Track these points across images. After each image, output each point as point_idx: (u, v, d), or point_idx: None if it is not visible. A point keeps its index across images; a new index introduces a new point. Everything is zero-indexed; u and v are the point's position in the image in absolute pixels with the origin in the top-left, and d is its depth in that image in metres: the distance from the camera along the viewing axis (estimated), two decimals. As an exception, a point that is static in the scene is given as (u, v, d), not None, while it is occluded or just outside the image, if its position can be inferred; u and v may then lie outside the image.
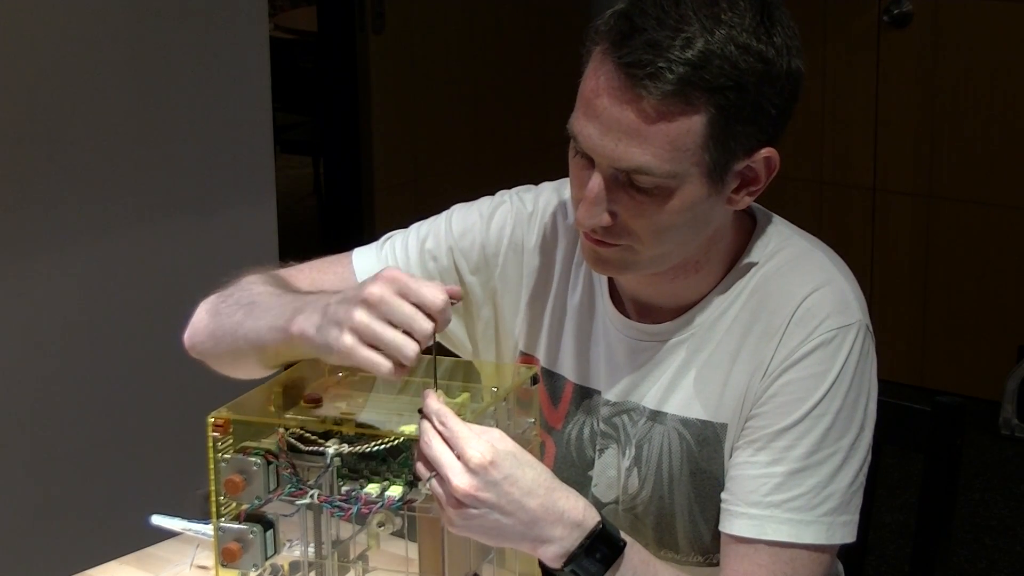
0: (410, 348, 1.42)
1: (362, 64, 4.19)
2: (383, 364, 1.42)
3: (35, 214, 2.84)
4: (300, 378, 1.61)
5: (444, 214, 1.77)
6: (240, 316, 1.63)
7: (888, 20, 4.33)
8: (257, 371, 1.67)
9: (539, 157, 4.50)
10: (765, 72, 1.47)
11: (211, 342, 1.69)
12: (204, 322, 1.71)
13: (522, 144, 4.57)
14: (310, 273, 1.74)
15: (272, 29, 4.33)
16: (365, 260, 1.76)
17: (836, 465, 1.55)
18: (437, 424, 1.44)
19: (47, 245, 2.87)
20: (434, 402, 1.45)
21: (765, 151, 1.53)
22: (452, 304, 1.45)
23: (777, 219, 1.66)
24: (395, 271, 1.45)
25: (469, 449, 1.42)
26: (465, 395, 1.55)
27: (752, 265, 1.62)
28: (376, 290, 1.43)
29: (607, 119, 1.48)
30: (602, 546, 1.47)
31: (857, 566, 1.85)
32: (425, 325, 1.42)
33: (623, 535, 1.50)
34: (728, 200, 1.55)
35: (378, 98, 4.22)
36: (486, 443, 1.43)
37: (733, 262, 1.62)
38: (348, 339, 1.43)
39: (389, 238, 1.78)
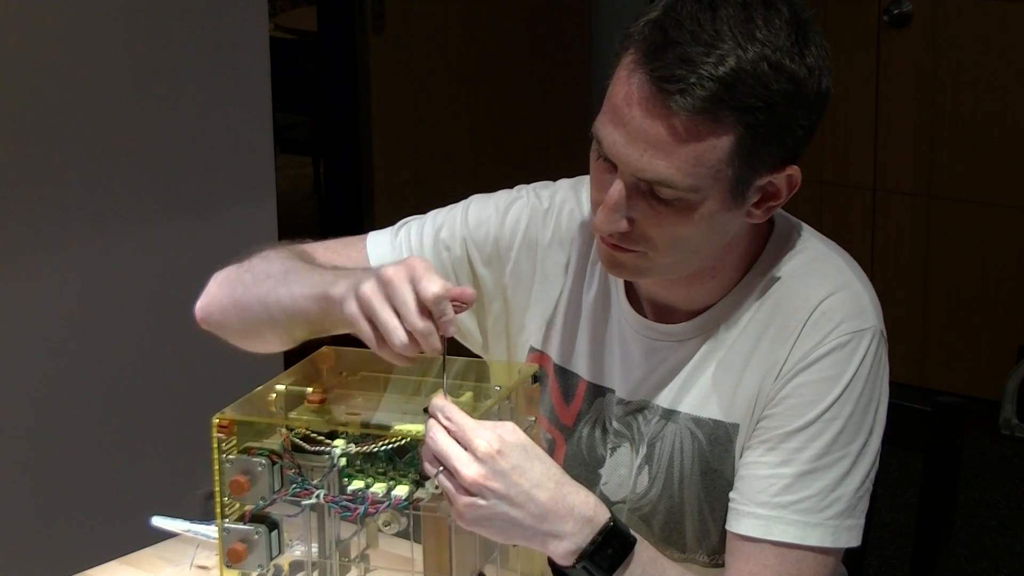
0: (397, 335, 1.43)
1: (362, 64, 4.19)
2: (374, 341, 1.45)
3: (35, 214, 2.84)
4: (303, 378, 1.62)
5: (462, 204, 1.77)
6: (271, 283, 1.63)
7: (888, 20, 4.33)
8: (275, 343, 1.67)
9: (539, 157, 4.50)
10: (796, 93, 1.47)
11: (235, 311, 1.69)
12: (224, 291, 1.71)
13: (522, 144, 4.57)
14: (324, 253, 1.74)
15: (272, 29, 4.32)
16: (379, 245, 1.76)
17: (845, 469, 1.55)
18: (443, 419, 1.44)
19: (47, 245, 2.86)
20: (439, 399, 1.45)
21: (788, 169, 1.53)
22: (461, 308, 1.45)
23: (796, 222, 1.66)
24: (420, 261, 1.46)
25: (476, 439, 1.43)
26: (468, 394, 1.55)
27: (769, 268, 1.62)
28: (391, 272, 1.44)
29: (634, 129, 1.47)
30: (613, 542, 1.47)
31: (857, 566, 1.85)
32: (414, 318, 1.42)
33: (632, 532, 1.50)
34: (747, 214, 1.55)
35: (378, 98, 4.22)
36: (493, 434, 1.43)
37: (750, 265, 1.63)
38: (353, 307, 1.46)
39: (405, 224, 1.78)
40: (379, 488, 1.52)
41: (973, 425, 4.02)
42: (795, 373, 1.57)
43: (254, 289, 1.65)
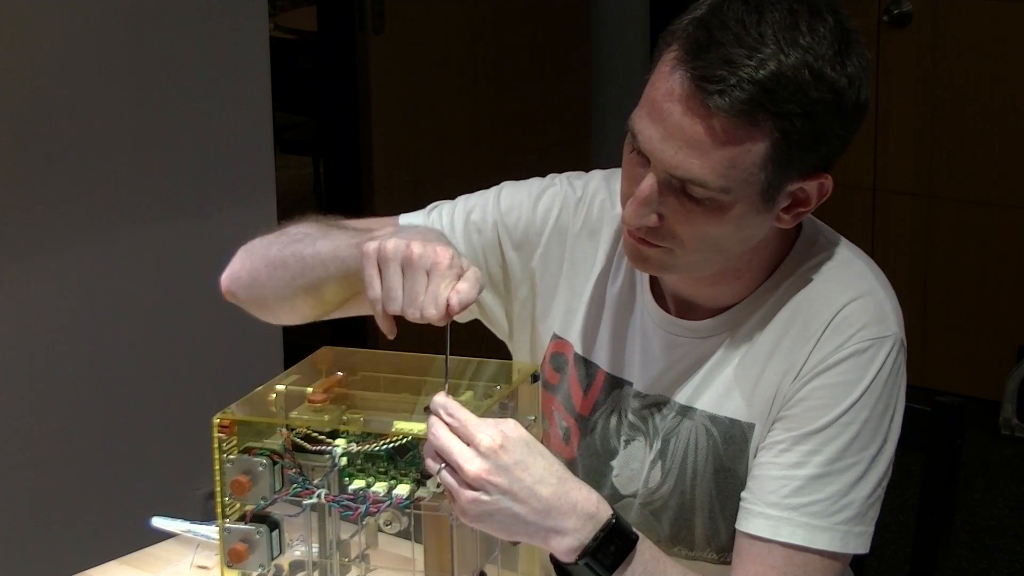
0: (396, 302, 1.43)
1: (362, 64, 4.19)
2: (375, 288, 1.45)
3: (35, 214, 2.84)
4: (303, 378, 1.61)
5: (493, 189, 1.77)
6: (310, 240, 1.64)
7: (888, 20, 4.33)
8: (304, 307, 1.67)
9: (539, 157, 4.50)
10: (835, 103, 1.47)
11: (266, 271, 1.68)
12: (255, 255, 1.71)
13: (522, 144, 4.57)
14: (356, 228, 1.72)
15: (272, 29, 4.32)
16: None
17: (857, 475, 1.55)
18: (445, 416, 1.44)
19: (47, 245, 2.86)
20: (441, 396, 1.45)
21: (820, 176, 1.53)
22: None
23: (822, 226, 1.66)
24: (451, 253, 1.45)
25: (479, 434, 1.43)
26: (468, 393, 1.55)
27: (794, 270, 1.62)
28: (420, 249, 1.44)
29: (672, 126, 1.47)
30: (616, 540, 1.47)
31: (857, 566, 1.85)
32: (410, 311, 1.43)
33: (634, 529, 1.50)
34: (776, 218, 1.55)
35: (378, 98, 4.22)
36: (496, 429, 1.43)
37: (776, 266, 1.63)
38: (371, 247, 1.46)
39: (436, 207, 1.78)
40: (380, 487, 1.52)
41: (973, 425, 4.02)
42: (814, 375, 1.57)
43: (291, 247, 1.66)
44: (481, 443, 1.42)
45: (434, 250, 1.44)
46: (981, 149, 4.28)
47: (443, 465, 1.44)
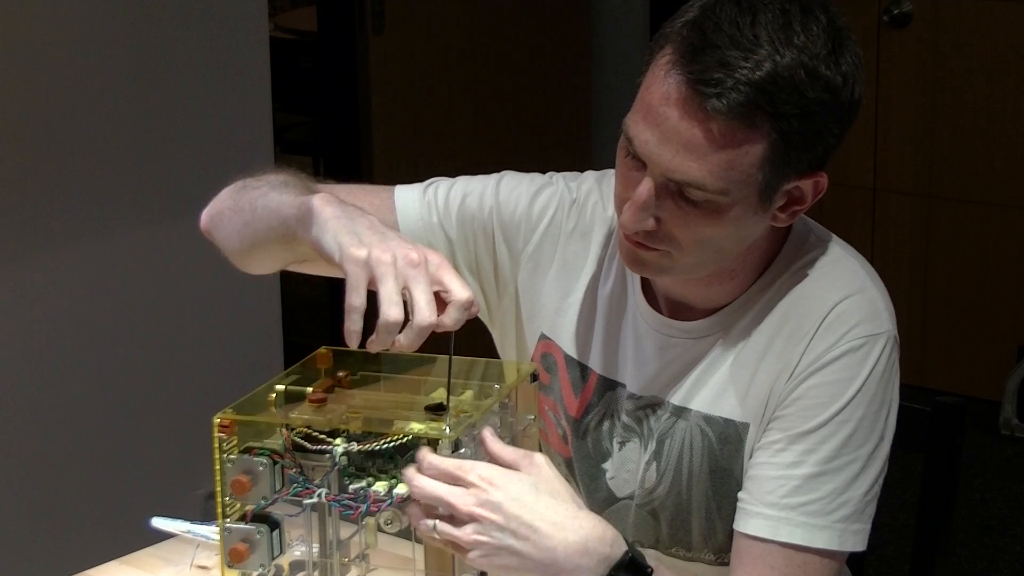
0: (396, 308, 1.39)
1: (362, 64, 4.19)
2: (358, 290, 1.40)
3: (35, 214, 2.84)
4: (303, 378, 1.61)
5: (494, 176, 1.77)
6: (267, 188, 1.62)
7: (888, 20, 4.33)
8: (261, 257, 1.66)
9: (539, 157, 4.50)
10: (831, 101, 1.47)
11: (229, 214, 1.68)
12: (227, 196, 1.70)
13: (522, 144, 4.57)
14: (345, 193, 1.70)
15: (272, 29, 4.32)
16: (408, 200, 1.75)
17: (854, 473, 1.56)
18: (426, 469, 1.44)
19: (47, 245, 2.87)
20: (422, 451, 1.45)
21: (816, 175, 1.53)
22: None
23: (814, 224, 1.66)
24: (445, 260, 1.44)
25: (462, 472, 1.42)
26: (469, 393, 1.55)
27: (786, 269, 1.62)
28: (418, 256, 1.41)
29: (668, 130, 1.47)
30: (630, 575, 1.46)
31: (857, 566, 1.85)
32: (424, 309, 1.40)
33: (649, 561, 1.49)
34: (772, 217, 1.55)
35: (378, 98, 4.22)
36: (483, 466, 1.43)
37: (768, 265, 1.63)
38: (360, 256, 1.41)
39: (433, 183, 1.77)
40: (380, 487, 1.52)
41: (973, 425, 4.02)
42: (808, 374, 1.57)
43: (252, 192, 1.65)
44: (467, 476, 1.42)
45: (439, 258, 1.43)
46: (981, 149, 4.28)
47: (436, 521, 1.43)
